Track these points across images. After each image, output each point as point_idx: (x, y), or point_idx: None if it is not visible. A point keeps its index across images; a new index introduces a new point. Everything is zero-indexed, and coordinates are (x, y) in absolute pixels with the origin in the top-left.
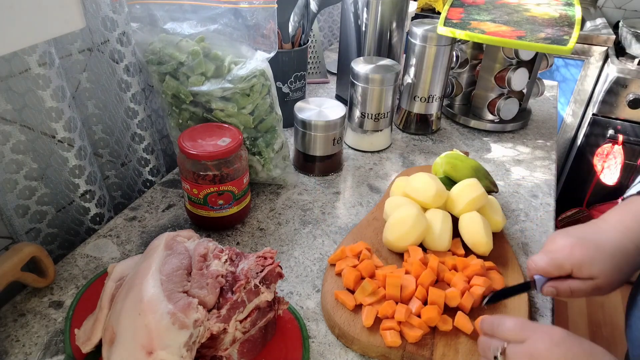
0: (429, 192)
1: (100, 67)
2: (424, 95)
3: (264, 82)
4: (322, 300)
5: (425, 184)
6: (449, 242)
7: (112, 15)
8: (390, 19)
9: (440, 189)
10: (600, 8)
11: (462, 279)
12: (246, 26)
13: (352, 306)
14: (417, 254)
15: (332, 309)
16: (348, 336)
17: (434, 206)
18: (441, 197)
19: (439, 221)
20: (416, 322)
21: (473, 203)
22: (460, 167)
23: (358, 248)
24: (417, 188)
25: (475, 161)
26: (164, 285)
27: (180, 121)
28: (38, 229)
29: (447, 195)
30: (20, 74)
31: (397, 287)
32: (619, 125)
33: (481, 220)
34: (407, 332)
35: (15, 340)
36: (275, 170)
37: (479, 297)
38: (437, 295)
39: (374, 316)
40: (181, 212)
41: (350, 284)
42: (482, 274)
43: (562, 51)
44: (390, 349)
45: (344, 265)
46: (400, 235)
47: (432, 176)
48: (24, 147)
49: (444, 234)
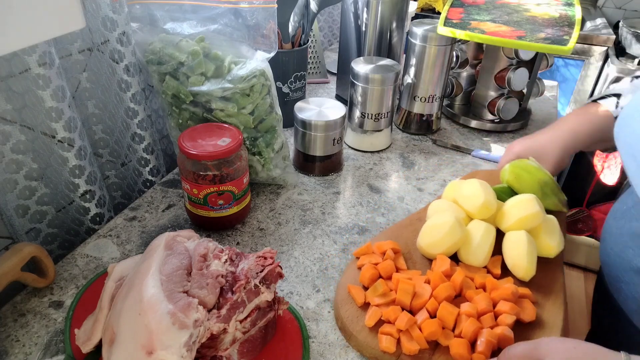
0: (476, 201)
1: (100, 67)
2: (424, 95)
3: (264, 82)
4: (336, 290)
5: (475, 192)
6: (485, 258)
7: (112, 15)
8: (390, 19)
9: (488, 200)
10: (600, 8)
11: (486, 300)
12: (246, 26)
13: (361, 303)
14: (443, 265)
15: (341, 301)
16: (348, 331)
17: (479, 217)
18: (488, 209)
19: (480, 234)
20: (416, 334)
21: (524, 221)
22: (525, 179)
23: (384, 246)
24: (466, 195)
25: (546, 174)
26: (164, 285)
27: (180, 121)
28: (38, 229)
29: (498, 207)
30: (20, 74)
31: (409, 294)
32: None
33: (527, 241)
34: (404, 342)
35: (15, 340)
36: (275, 170)
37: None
38: (447, 311)
39: (377, 317)
40: (181, 212)
41: (365, 280)
42: (511, 300)
43: (562, 51)
44: (383, 354)
45: (366, 261)
46: (432, 241)
47: (485, 185)
48: (24, 147)
49: (481, 249)
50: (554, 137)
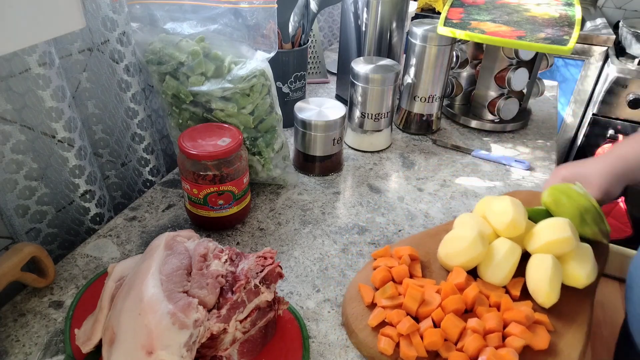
0: (504, 218)
1: (100, 67)
2: (424, 95)
3: (264, 82)
4: (348, 287)
5: (504, 209)
6: (505, 278)
7: (112, 15)
8: (390, 19)
9: (517, 219)
10: (600, 8)
11: (497, 319)
12: (246, 26)
13: (369, 302)
14: (458, 277)
15: (350, 299)
16: (350, 328)
17: (506, 235)
18: (515, 228)
19: (503, 252)
20: (416, 341)
21: (552, 245)
22: (564, 204)
23: (402, 252)
24: (495, 211)
25: (590, 202)
26: (164, 285)
27: (180, 121)
28: (38, 229)
29: (528, 228)
30: (20, 74)
31: (416, 300)
32: (619, 125)
33: (552, 265)
34: (403, 347)
35: (15, 340)
36: (275, 170)
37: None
38: (452, 322)
39: (381, 318)
40: (181, 212)
41: (376, 281)
42: (524, 324)
43: (562, 51)
44: (380, 355)
45: (382, 263)
46: (451, 252)
47: (517, 203)
48: (24, 147)
49: (502, 267)
50: (602, 162)
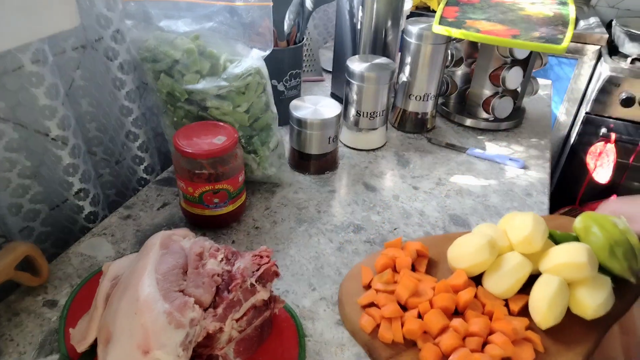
0: (521, 233)
1: (94, 65)
2: (419, 93)
3: (260, 80)
4: (352, 267)
5: (524, 224)
6: (507, 291)
7: (106, 12)
8: (385, 17)
9: (533, 235)
10: (593, 7)
11: (482, 325)
12: (241, 24)
13: (365, 283)
14: (457, 279)
15: (350, 276)
16: (342, 302)
17: (520, 250)
18: (530, 244)
19: (511, 265)
20: (395, 326)
21: (564, 268)
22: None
23: (413, 246)
24: (514, 225)
25: (626, 237)
26: (160, 284)
27: (175, 119)
28: (31, 227)
29: (545, 248)
30: (13, 72)
31: (408, 290)
32: (611, 124)
33: (556, 287)
34: (382, 329)
35: (9, 339)
36: (271, 168)
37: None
38: (435, 317)
39: (371, 300)
40: (176, 211)
41: (378, 266)
42: (509, 336)
43: (556, 50)
44: (359, 331)
45: (390, 253)
46: (457, 255)
47: (539, 221)
48: (17, 145)
49: (506, 279)
50: None
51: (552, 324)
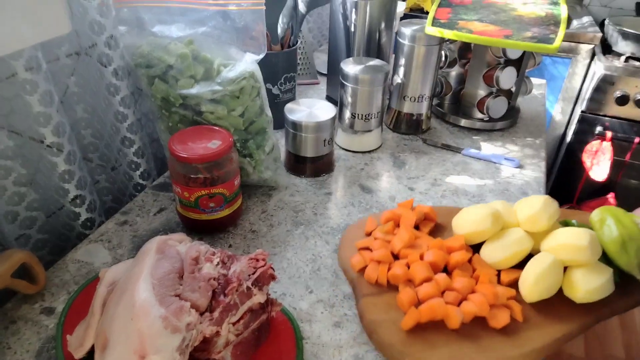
0: (528, 212)
1: (88, 71)
2: (413, 95)
3: (254, 84)
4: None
5: (534, 204)
6: (501, 262)
7: (100, 18)
8: (379, 19)
9: (539, 214)
10: (586, 6)
11: (464, 283)
12: (235, 28)
13: (368, 231)
14: (454, 241)
15: (356, 225)
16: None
17: (524, 228)
18: (534, 223)
19: (510, 238)
20: (382, 269)
21: (562, 249)
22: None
23: (422, 209)
24: (525, 204)
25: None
26: (156, 289)
27: (170, 124)
28: (28, 235)
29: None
30: (7, 79)
31: (402, 241)
32: (607, 122)
33: (549, 263)
34: (369, 269)
35: (6, 347)
36: (267, 172)
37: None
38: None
39: (366, 244)
40: (173, 216)
41: (383, 219)
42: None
43: (548, 50)
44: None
45: (399, 210)
46: (461, 222)
47: (550, 204)
48: (12, 152)
49: (501, 250)
50: None
51: (536, 299)
